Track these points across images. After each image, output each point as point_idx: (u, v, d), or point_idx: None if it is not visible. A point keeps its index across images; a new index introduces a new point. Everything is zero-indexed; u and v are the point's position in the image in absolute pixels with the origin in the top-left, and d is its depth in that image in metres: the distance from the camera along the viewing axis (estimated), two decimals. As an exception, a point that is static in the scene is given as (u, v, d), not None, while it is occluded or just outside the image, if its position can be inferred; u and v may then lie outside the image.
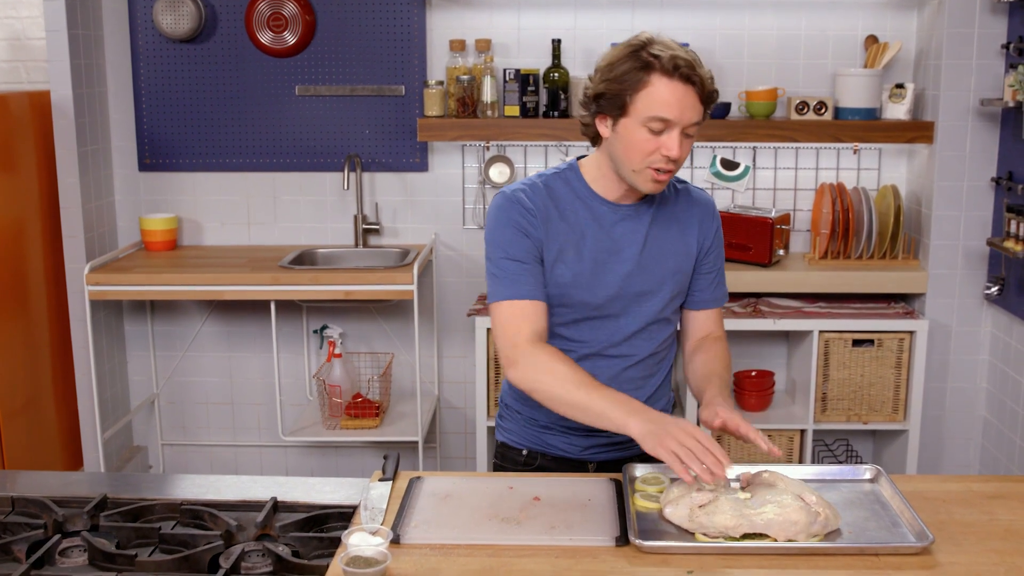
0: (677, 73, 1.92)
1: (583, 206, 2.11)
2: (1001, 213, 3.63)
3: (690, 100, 1.95)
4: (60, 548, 1.80)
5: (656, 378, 2.24)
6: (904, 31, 3.92)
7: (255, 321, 4.25)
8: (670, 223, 2.16)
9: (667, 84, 1.93)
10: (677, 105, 1.94)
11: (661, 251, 2.14)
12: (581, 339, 2.16)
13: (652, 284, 2.14)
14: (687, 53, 1.95)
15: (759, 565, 1.69)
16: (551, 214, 2.09)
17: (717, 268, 2.24)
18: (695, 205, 2.20)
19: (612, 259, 2.11)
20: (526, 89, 3.86)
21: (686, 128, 1.97)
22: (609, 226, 2.11)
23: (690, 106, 1.95)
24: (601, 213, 2.11)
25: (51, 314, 4.00)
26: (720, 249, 2.25)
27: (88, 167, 3.94)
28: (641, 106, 1.95)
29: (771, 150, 4.04)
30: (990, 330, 3.86)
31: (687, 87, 1.94)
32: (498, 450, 2.35)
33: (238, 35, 4.03)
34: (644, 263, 2.12)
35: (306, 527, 1.89)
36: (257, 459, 4.40)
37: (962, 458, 3.99)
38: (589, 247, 2.10)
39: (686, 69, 1.92)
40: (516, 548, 1.75)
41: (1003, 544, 1.78)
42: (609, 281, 2.11)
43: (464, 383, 4.27)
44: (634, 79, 1.94)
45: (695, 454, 1.80)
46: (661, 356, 2.23)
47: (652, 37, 1.98)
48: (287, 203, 4.18)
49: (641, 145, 1.98)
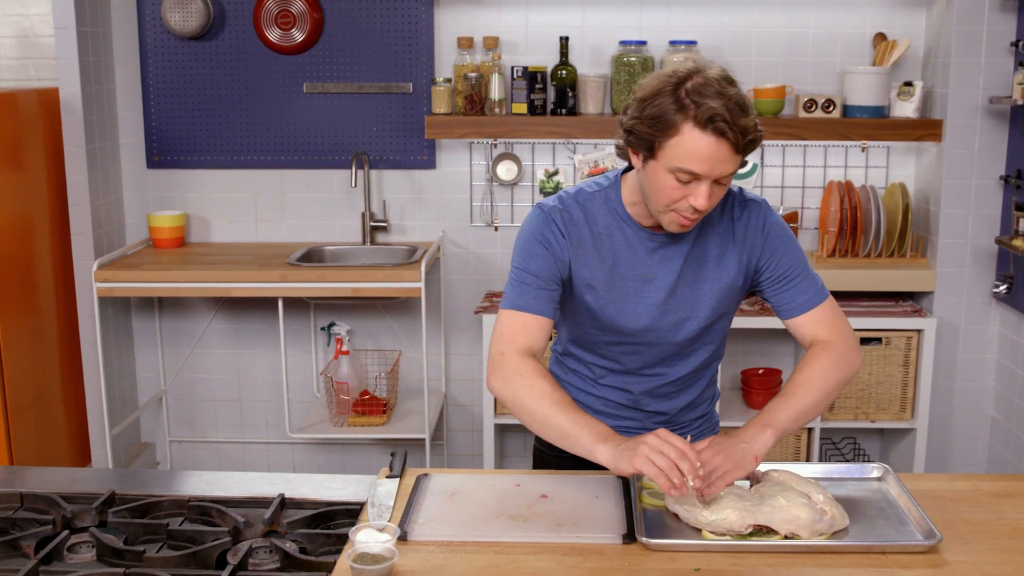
0: (711, 127, 1.78)
1: (618, 230, 2.03)
2: (1010, 211, 3.62)
3: (723, 154, 1.80)
4: (68, 544, 1.81)
5: (692, 390, 2.18)
6: (913, 29, 3.91)
7: (263, 318, 4.25)
8: (711, 248, 2.04)
9: (699, 137, 1.79)
10: (708, 160, 1.80)
11: (698, 277, 2.04)
12: (615, 359, 2.13)
13: (688, 311, 2.05)
14: (729, 98, 1.80)
15: (766, 563, 1.69)
16: (584, 238, 2.03)
17: (789, 273, 2.05)
18: (737, 221, 2.04)
19: (646, 288, 2.04)
20: (534, 87, 3.86)
21: (718, 179, 1.85)
22: (644, 254, 2.03)
23: (723, 160, 1.81)
24: (636, 241, 2.03)
25: (59, 311, 4.01)
26: (789, 252, 2.05)
27: (96, 164, 3.95)
28: (670, 154, 1.82)
29: (779, 148, 4.03)
30: (998, 328, 3.85)
31: (720, 141, 1.79)
32: (536, 441, 2.30)
33: (246, 32, 4.03)
34: (679, 291, 2.04)
35: (313, 524, 1.89)
36: (264, 456, 4.41)
37: (970, 457, 3.98)
38: (621, 275, 2.03)
39: (721, 124, 1.77)
40: (523, 545, 1.75)
41: (1011, 543, 1.77)
42: (641, 311, 2.05)
43: (471, 380, 4.28)
44: (666, 124, 1.81)
45: (672, 460, 1.75)
46: (700, 372, 2.17)
47: (697, 69, 1.85)
48: (295, 200, 4.18)
49: (668, 192, 1.86)
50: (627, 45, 3.85)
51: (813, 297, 2.06)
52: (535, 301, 2.00)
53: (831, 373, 1.99)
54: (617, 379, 2.15)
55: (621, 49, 3.86)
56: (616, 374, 2.15)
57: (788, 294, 2.06)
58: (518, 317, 2.01)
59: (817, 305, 2.05)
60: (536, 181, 4.08)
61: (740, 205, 2.06)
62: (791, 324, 2.08)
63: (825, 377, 1.99)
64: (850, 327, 2.08)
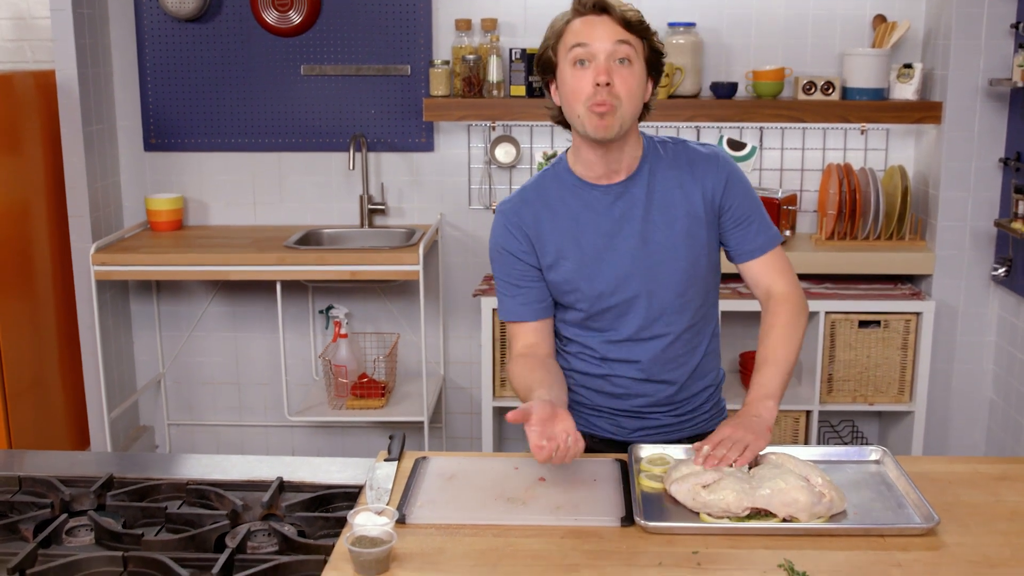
0: (587, 9, 1.98)
1: (573, 196, 2.10)
2: (1009, 194, 3.61)
3: (605, 26, 1.97)
4: (67, 527, 1.81)
5: (696, 354, 2.18)
6: (912, 10, 3.89)
7: (261, 301, 4.25)
8: (669, 187, 2.08)
9: (579, 20, 1.99)
10: (590, 31, 1.97)
11: (665, 219, 2.07)
12: (610, 327, 2.14)
13: (664, 254, 2.08)
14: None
15: (764, 545, 1.69)
16: (542, 218, 2.11)
17: (747, 215, 2.11)
18: (693, 162, 2.10)
19: (615, 240, 2.08)
20: (532, 69, 3.84)
21: (612, 54, 1.96)
22: (604, 209, 2.08)
23: (606, 31, 1.96)
24: (593, 198, 2.09)
25: (57, 294, 4.00)
26: (745, 197, 2.12)
27: (93, 147, 3.94)
28: (563, 49, 2.00)
29: (778, 130, 4.02)
30: (997, 311, 3.85)
31: (600, 16, 1.97)
32: None
33: (243, 14, 4.01)
34: (649, 235, 2.07)
35: (312, 507, 1.89)
36: (263, 439, 4.42)
37: (968, 439, 3.99)
38: (588, 235, 2.08)
39: (594, 3, 1.97)
40: (521, 528, 1.75)
41: (1009, 525, 1.78)
42: (618, 263, 2.08)
43: (470, 363, 4.28)
44: (557, 31, 2.02)
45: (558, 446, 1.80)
46: (698, 328, 2.17)
47: None
48: (293, 183, 4.17)
49: (573, 83, 1.98)
50: (626, 27, 3.83)
51: (770, 240, 2.14)
52: (512, 306, 2.16)
53: (798, 326, 2.11)
54: (620, 350, 2.15)
55: (620, 31, 3.84)
56: (617, 344, 2.15)
57: (748, 235, 2.13)
58: (509, 327, 2.21)
59: (771, 249, 2.14)
60: (534, 163, 4.07)
61: (695, 150, 2.13)
62: (746, 268, 2.16)
63: (795, 333, 2.10)
64: (795, 273, 2.19)
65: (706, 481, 1.81)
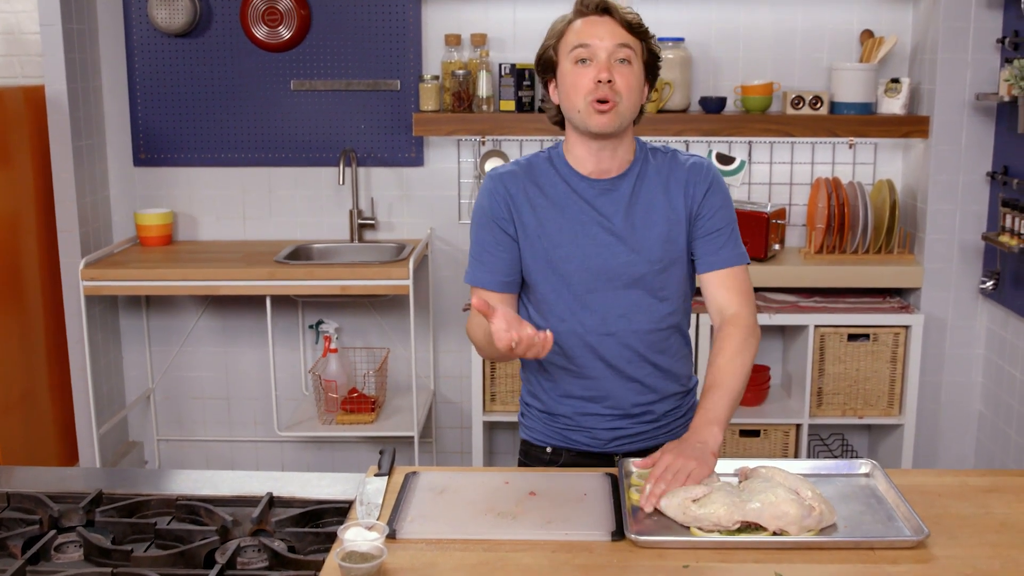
0: (589, 10, 2.04)
1: (562, 182, 2.14)
2: (996, 207, 3.63)
3: (607, 26, 2.03)
4: (55, 544, 1.80)
5: (665, 356, 2.18)
6: (900, 25, 3.92)
7: (251, 316, 4.24)
8: (654, 191, 2.13)
9: (581, 21, 2.05)
10: (592, 31, 2.02)
11: (646, 220, 2.11)
12: (578, 318, 2.14)
13: (637, 251, 2.10)
14: None
15: (755, 559, 1.69)
16: (530, 193, 2.13)
17: (719, 228, 2.13)
18: (682, 169, 2.14)
19: (594, 230, 2.11)
20: (522, 84, 3.85)
21: (614, 54, 2.02)
22: (590, 199, 2.12)
23: (608, 32, 2.02)
24: (581, 188, 2.13)
25: (46, 309, 3.99)
26: (723, 210, 2.14)
27: (83, 162, 3.93)
28: (565, 48, 2.05)
29: (767, 144, 4.03)
30: (985, 324, 3.86)
31: (602, 17, 2.04)
32: (522, 447, 2.34)
33: (233, 29, 4.02)
34: (627, 233, 2.10)
35: (302, 522, 1.88)
36: (253, 454, 4.40)
37: (957, 452, 3.99)
38: (570, 221, 2.11)
39: (595, 4, 2.04)
40: (512, 543, 1.75)
41: (998, 537, 1.78)
42: (592, 252, 2.11)
43: (460, 378, 4.27)
44: (557, 31, 2.08)
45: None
46: (666, 335, 2.18)
47: None
48: (282, 198, 4.17)
49: (574, 80, 2.03)
50: (615, 42, 3.85)
51: (734, 258, 2.14)
52: (482, 273, 2.16)
53: (748, 353, 2.09)
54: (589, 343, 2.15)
55: (609, 46, 3.86)
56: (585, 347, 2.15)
57: (713, 246, 2.14)
58: (472, 292, 2.19)
59: (736, 265, 2.14)
60: (524, 178, 4.07)
61: (684, 159, 2.17)
62: (706, 279, 2.15)
63: (744, 359, 2.08)
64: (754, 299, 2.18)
65: (696, 495, 1.81)
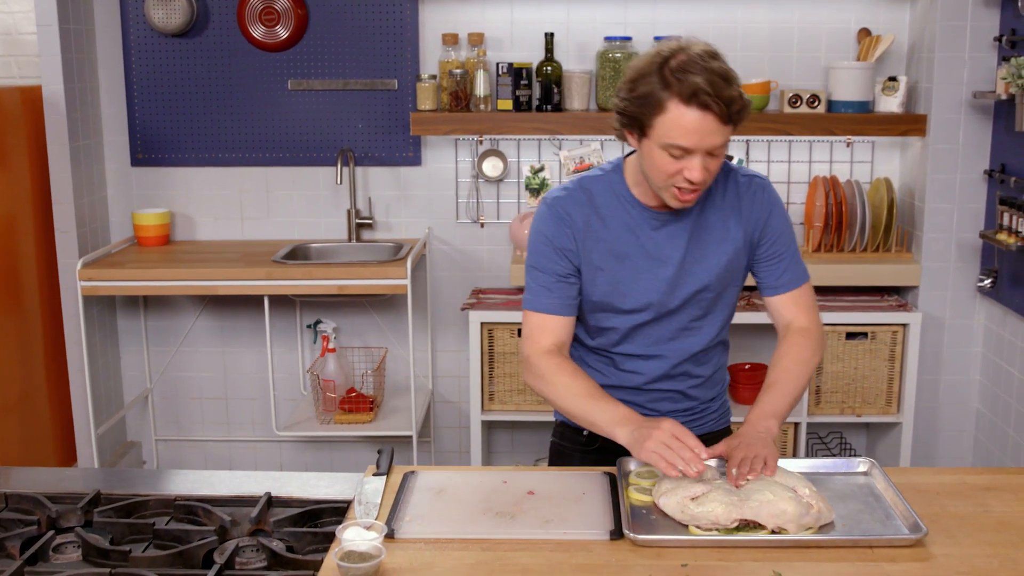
0: (695, 101, 1.85)
1: (624, 212, 2.08)
2: (994, 206, 3.63)
3: (710, 126, 1.87)
4: (54, 544, 1.80)
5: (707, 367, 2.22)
6: (897, 24, 3.92)
7: (248, 316, 4.24)
8: (715, 218, 2.09)
9: (684, 111, 1.86)
10: (696, 133, 1.87)
11: (704, 252, 2.09)
12: (628, 339, 2.16)
13: (695, 285, 2.10)
14: (712, 71, 1.87)
15: (753, 558, 1.70)
16: (591, 222, 2.07)
17: (780, 253, 2.13)
18: (742, 191, 2.11)
19: (654, 265, 2.08)
20: (519, 83, 3.85)
21: (709, 151, 1.90)
22: (650, 232, 2.07)
23: (709, 132, 1.87)
24: (642, 220, 2.08)
25: (44, 310, 3.99)
26: (783, 233, 2.13)
27: (80, 162, 3.93)
28: (660, 131, 1.89)
29: (764, 143, 4.03)
30: (983, 322, 3.87)
31: (705, 114, 1.86)
32: (556, 429, 2.34)
33: (230, 29, 4.02)
34: (686, 266, 2.08)
35: (300, 522, 1.89)
36: (251, 454, 4.40)
37: (955, 450, 4.00)
38: (629, 255, 2.08)
39: (704, 97, 1.84)
40: (510, 542, 1.75)
41: (996, 536, 1.78)
42: (651, 288, 2.09)
43: (458, 377, 4.27)
44: (652, 102, 1.88)
45: (674, 451, 1.83)
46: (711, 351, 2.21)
47: (680, 47, 1.92)
48: (280, 198, 4.17)
49: (663, 167, 1.93)
50: (612, 41, 3.85)
51: (798, 278, 2.16)
52: (550, 300, 2.09)
53: (809, 362, 2.13)
54: (635, 363, 2.18)
55: (606, 45, 3.86)
56: (632, 358, 2.17)
57: (776, 271, 2.15)
58: (537, 318, 2.11)
59: (799, 286, 2.17)
60: (522, 178, 4.07)
61: (744, 180, 2.13)
62: (773, 302, 2.18)
63: (807, 364, 2.12)
64: (819, 312, 2.21)
65: (695, 493, 1.81)
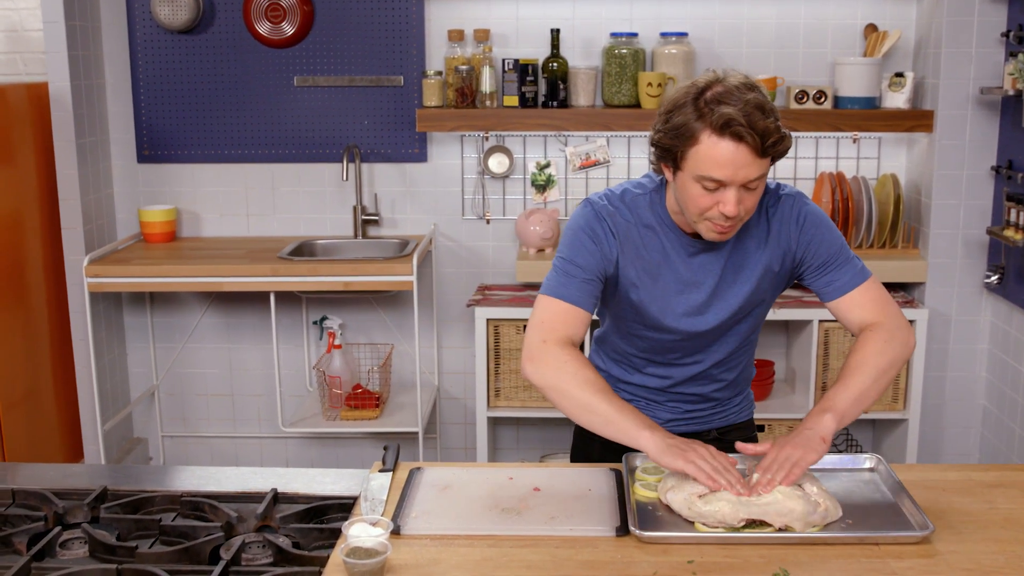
0: (728, 132, 1.81)
1: (662, 234, 2.06)
2: (1001, 202, 3.62)
3: (744, 158, 1.83)
4: (61, 540, 1.80)
5: (733, 371, 2.24)
6: (903, 19, 3.91)
7: (254, 312, 4.24)
8: (750, 244, 2.07)
9: (717, 143, 1.83)
10: (730, 165, 1.83)
11: (738, 279, 2.08)
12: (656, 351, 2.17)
13: (728, 310, 2.09)
14: (747, 103, 1.83)
15: (759, 555, 1.69)
16: (631, 238, 2.05)
17: (826, 262, 2.07)
18: (773, 217, 2.07)
19: (687, 290, 2.07)
20: (525, 79, 3.85)
21: (745, 184, 1.86)
22: (686, 258, 2.06)
23: (744, 164, 1.83)
24: (679, 246, 2.06)
25: (50, 306, 4.00)
26: (824, 242, 2.07)
27: (86, 159, 3.93)
28: (693, 163, 1.86)
29: (770, 139, 4.02)
30: (990, 319, 3.86)
31: (739, 145, 1.82)
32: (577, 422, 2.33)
33: (236, 26, 4.02)
34: (720, 292, 2.08)
35: (306, 518, 1.89)
36: (257, 450, 4.41)
37: (962, 447, 3.99)
38: (664, 277, 2.07)
39: (738, 128, 1.80)
40: (516, 538, 1.75)
41: (1003, 533, 1.78)
42: (682, 312, 2.08)
43: (464, 373, 4.27)
44: (685, 133, 1.85)
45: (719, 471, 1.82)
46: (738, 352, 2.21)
47: (717, 78, 1.89)
48: (286, 194, 4.17)
49: (698, 201, 1.90)
50: (618, 37, 3.84)
51: (853, 278, 2.07)
52: (579, 293, 2.02)
53: (883, 354, 2.00)
54: (658, 368, 2.20)
55: (612, 41, 3.86)
56: (657, 364, 2.19)
57: (828, 278, 2.08)
58: (560, 306, 2.02)
59: (858, 286, 2.07)
60: (528, 174, 4.07)
61: (774, 202, 2.08)
62: (834, 307, 2.10)
63: (877, 358, 2.00)
64: (897, 307, 2.10)
65: (701, 491, 1.81)
